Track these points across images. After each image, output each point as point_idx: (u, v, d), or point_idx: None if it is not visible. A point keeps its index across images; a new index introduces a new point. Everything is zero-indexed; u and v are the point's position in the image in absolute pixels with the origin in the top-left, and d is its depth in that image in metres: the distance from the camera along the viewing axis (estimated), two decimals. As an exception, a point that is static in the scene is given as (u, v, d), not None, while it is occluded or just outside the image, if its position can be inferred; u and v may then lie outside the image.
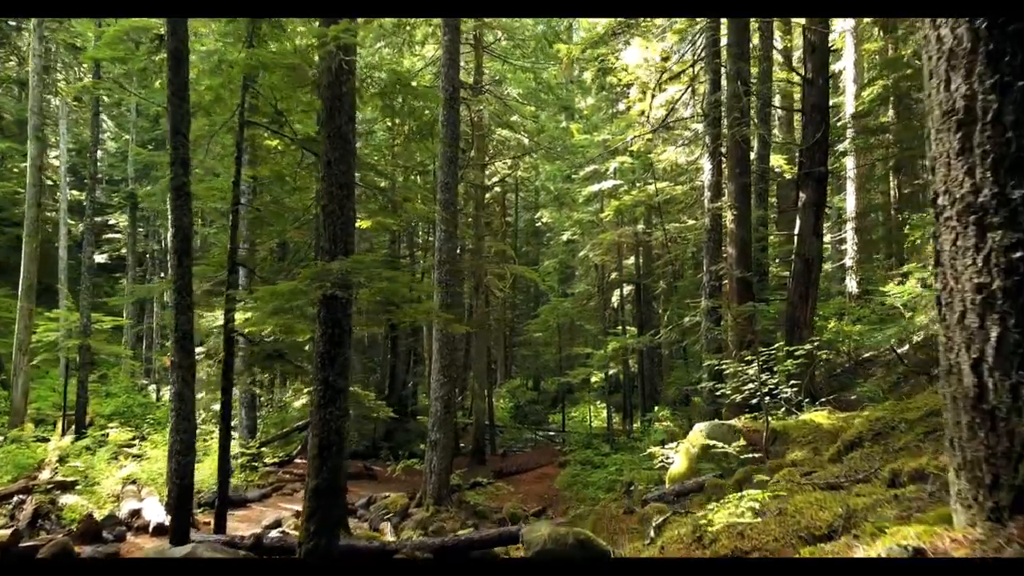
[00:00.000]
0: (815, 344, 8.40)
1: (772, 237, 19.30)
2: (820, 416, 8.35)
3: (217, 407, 20.12)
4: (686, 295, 21.25)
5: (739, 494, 4.91)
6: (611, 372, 25.32)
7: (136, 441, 18.93)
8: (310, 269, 6.33)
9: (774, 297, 15.87)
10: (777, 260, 20.92)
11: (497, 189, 28.42)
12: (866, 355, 18.77)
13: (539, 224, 36.47)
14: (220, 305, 9.19)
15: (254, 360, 8.21)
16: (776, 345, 8.11)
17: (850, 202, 20.47)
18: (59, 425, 19.93)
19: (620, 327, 26.77)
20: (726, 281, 12.59)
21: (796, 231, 12.33)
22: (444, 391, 14.00)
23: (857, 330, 16.32)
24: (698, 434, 8.54)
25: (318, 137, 7.37)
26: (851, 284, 22.20)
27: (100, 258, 34.47)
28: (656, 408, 26.85)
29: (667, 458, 9.56)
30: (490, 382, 24.00)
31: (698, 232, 17.81)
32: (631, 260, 26.31)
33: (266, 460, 16.57)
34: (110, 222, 35.56)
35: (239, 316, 9.78)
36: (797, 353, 8.31)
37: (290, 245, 18.90)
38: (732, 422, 8.60)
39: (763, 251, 17.10)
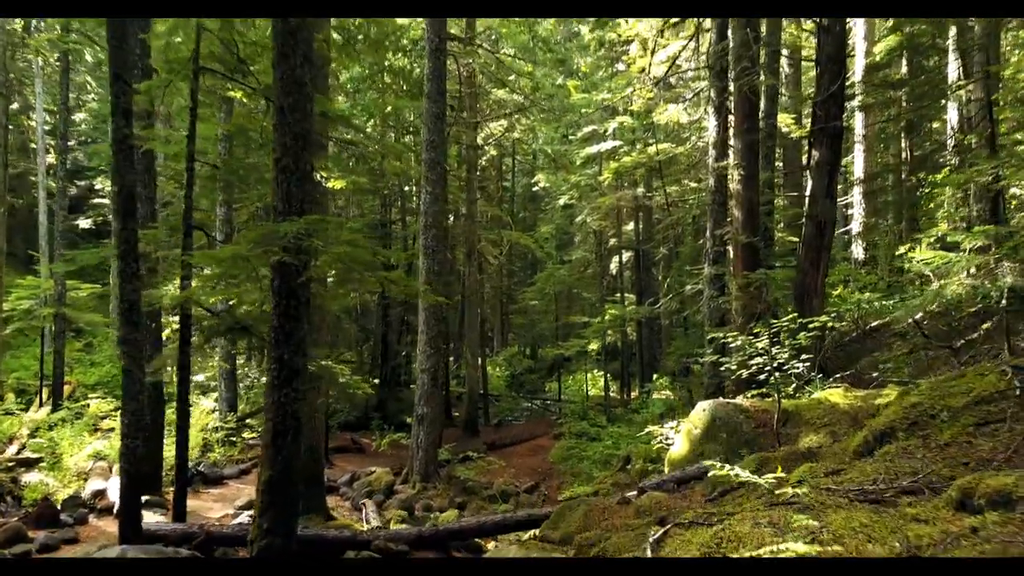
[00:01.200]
0: (832, 315, 7.56)
1: (779, 200, 18.39)
2: (835, 394, 7.58)
3: (202, 377, 19.45)
4: (687, 262, 20.41)
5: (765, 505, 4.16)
6: (609, 340, 24.62)
7: (117, 412, 18.14)
8: (252, 231, 5.48)
9: (780, 264, 15.03)
10: (782, 225, 20.04)
11: (493, 153, 27.38)
12: (874, 324, 18.03)
13: (536, 189, 35.37)
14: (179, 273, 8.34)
15: (213, 333, 7.40)
16: (789, 316, 7.29)
17: (858, 164, 19.49)
18: (39, 396, 19.27)
19: (619, 295, 26.00)
20: (731, 247, 11.73)
21: (807, 192, 11.44)
22: (431, 363, 13.25)
23: (874, 299, 15.46)
24: (701, 413, 7.77)
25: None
26: (857, 250, 21.35)
27: (85, 223, 33.54)
28: (655, 377, 26.23)
29: (666, 438, 8.85)
30: (484, 351, 23.28)
31: (701, 195, 16.89)
32: (631, 226, 25.41)
33: (245, 435, 15.85)
34: (95, 186, 34.52)
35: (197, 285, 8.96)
36: (812, 326, 7.50)
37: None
38: (738, 401, 7.83)
39: (769, 215, 16.20)
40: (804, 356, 8.17)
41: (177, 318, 11.62)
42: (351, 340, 30.87)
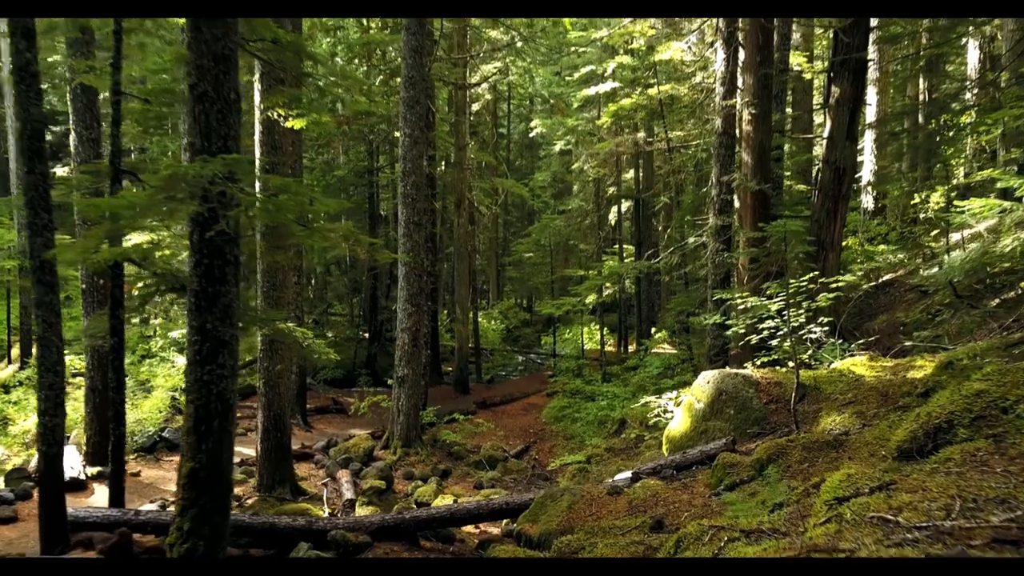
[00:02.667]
0: (860, 274, 6.52)
1: (787, 145, 17.14)
2: (859, 365, 6.62)
3: (177, 335, 18.46)
4: (689, 212, 19.25)
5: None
6: (607, 294, 23.64)
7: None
8: (160, 174, 4.41)
9: (790, 214, 13.92)
10: (790, 173, 18.84)
11: (487, 97, 25.92)
12: (886, 277, 17.09)
13: (533, 135, 33.92)
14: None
15: (149, 294, 6.39)
16: (808, 274, 6.26)
17: (870, 106, 18.19)
18: (8, 353, 18.41)
19: (617, 246, 24.91)
20: (739, 195, 10.64)
21: (825, 134, 10.29)
22: (412, 322, 12.28)
23: (889, 251, 14.53)
24: (705, 386, 6.82)
25: None
26: (867, 200, 20.20)
27: (62, 171, 32.17)
28: (653, 331, 25.35)
29: (664, 410, 7.93)
30: (475, 306, 22.33)
31: (706, 138, 15.66)
32: (630, 174, 24.17)
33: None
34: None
35: (138, 238, 7.92)
36: (836, 285, 6.48)
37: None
38: (747, 371, 6.87)
39: (778, 161, 15.04)
40: (822, 319, 7.20)
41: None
42: (341, 293, 29.95)
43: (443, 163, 22.61)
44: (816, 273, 6.41)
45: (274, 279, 9.31)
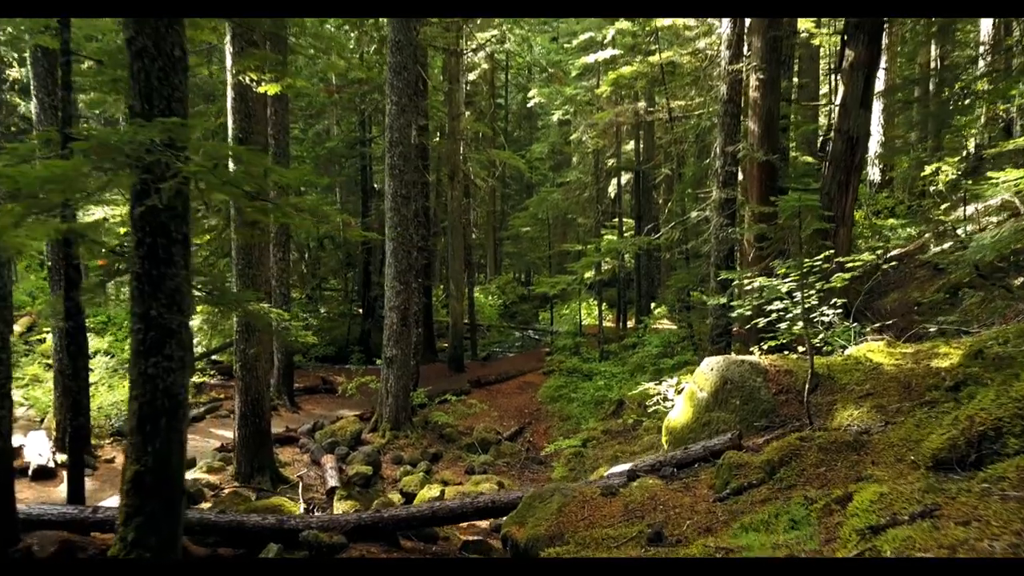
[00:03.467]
0: (879, 254, 5.96)
1: (793, 115, 16.45)
2: (876, 351, 6.08)
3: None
4: (691, 184, 18.62)
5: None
6: (605, 270, 23.05)
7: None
8: (91, 140, 3.83)
9: (797, 186, 13.31)
10: (795, 143, 18.17)
11: (484, 66, 25.07)
12: (894, 252, 16.54)
13: (531, 105, 33.04)
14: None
15: (108, 275, 5.83)
16: (824, 253, 5.70)
17: (879, 73, 17.41)
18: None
19: (616, 220, 24.28)
20: (745, 166, 10.04)
21: (838, 100, 9.65)
22: (400, 300, 11.75)
23: (898, 225, 14.01)
24: (708, 373, 6.30)
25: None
26: (874, 172, 19.56)
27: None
28: (653, 306, 24.82)
29: (664, 398, 7.43)
30: (470, 281, 21.77)
31: (710, 107, 14.98)
32: (630, 145, 23.45)
33: (206, 374, 14.49)
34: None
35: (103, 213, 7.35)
36: (852, 265, 5.93)
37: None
38: (754, 358, 6.34)
39: (784, 131, 14.39)
40: (835, 301, 6.66)
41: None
42: (335, 267, 29.34)
43: (438, 134, 21.90)
44: (831, 251, 5.84)
45: (249, 256, 8.75)
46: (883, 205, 18.88)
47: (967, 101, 13.94)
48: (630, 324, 23.31)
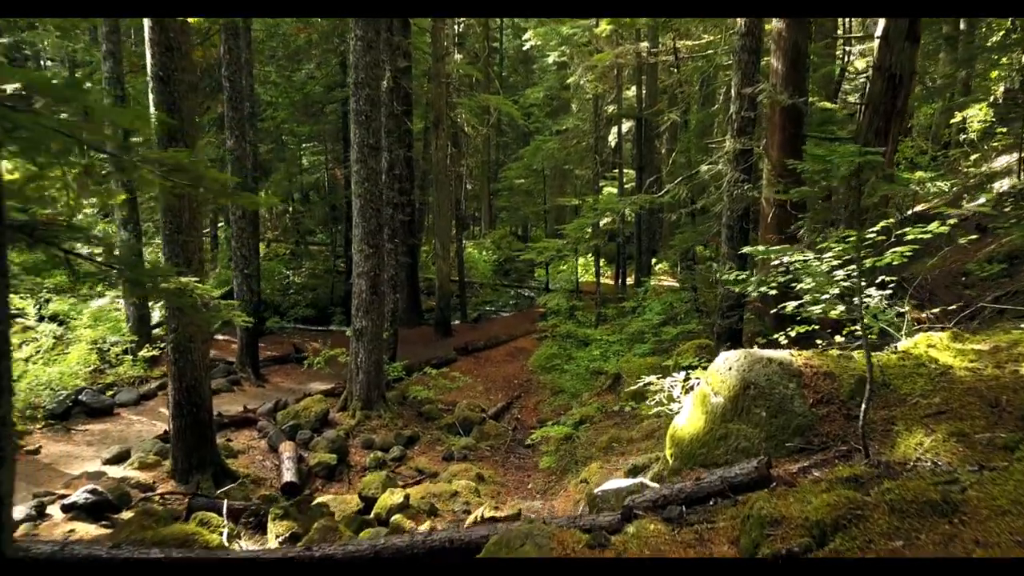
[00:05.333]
0: (953, 223, 4.57)
1: (815, 56, 14.76)
2: (940, 346, 4.78)
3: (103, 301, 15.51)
4: (697, 133, 17.05)
5: None
6: (604, 223, 21.61)
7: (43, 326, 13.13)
8: None
9: (817, 134, 11.77)
10: (813, 86, 16.50)
11: (475, 3, 23.13)
12: (917, 208, 15.15)
13: (528, 48, 31.05)
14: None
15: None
16: (883, 223, 4.33)
17: None
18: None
19: (617, 171, 22.73)
20: (767, 111, 8.57)
21: (878, 32, 8.12)
22: (370, 264, 10.41)
23: (928, 178, 12.52)
24: (726, 373, 5.00)
25: None
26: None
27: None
28: (654, 261, 23.47)
29: (669, 397, 6.11)
30: (459, 237, 20.35)
31: (721, 45, 13.34)
32: (632, 91, 21.76)
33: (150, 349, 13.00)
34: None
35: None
36: (911, 237, 4.55)
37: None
38: (783, 354, 5.03)
39: (804, 72, 12.77)
40: (884, 279, 5.32)
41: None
42: (323, 218, 27.82)
43: (427, 79, 20.21)
44: (891, 220, 4.47)
45: (179, 220, 7.38)
46: (903, 156, 17.35)
47: (998, 37, 12.27)
48: (629, 281, 21.99)
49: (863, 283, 4.82)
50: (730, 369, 5.02)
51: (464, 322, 19.39)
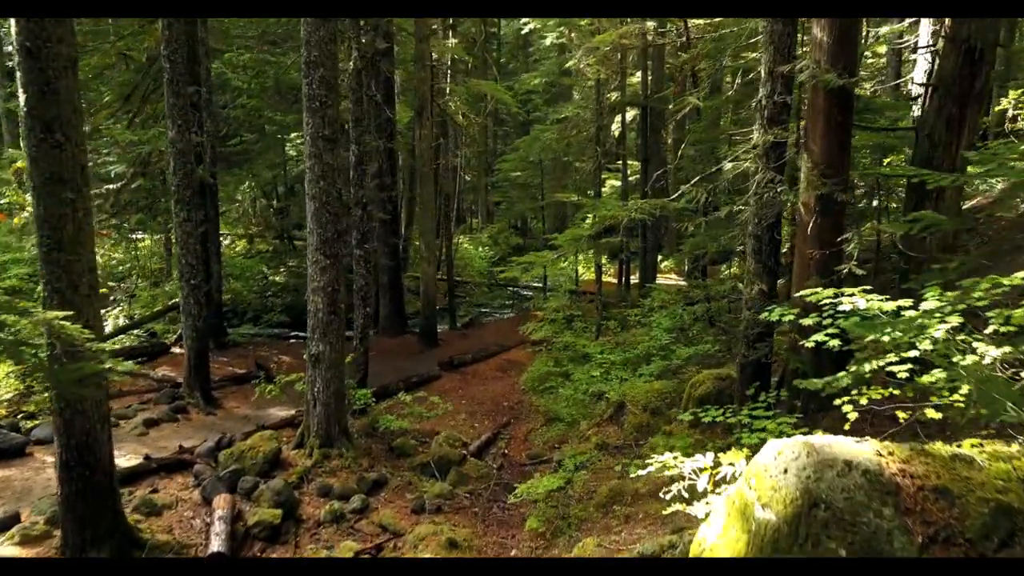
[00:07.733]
0: None
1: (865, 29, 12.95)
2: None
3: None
4: (710, 121, 15.34)
5: None
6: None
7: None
8: None
9: (860, 123, 10.01)
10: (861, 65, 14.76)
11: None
12: (969, 203, 13.59)
13: (526, 31, 29.18)
14: None
15: None
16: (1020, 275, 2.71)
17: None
18: None
19: (620, 162, 21.00)
20: (808, 95, 6.91)
21: (951, -5, 6.43)
22: (327, 279, 8.79)
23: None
24: (779, 477, 3.36)
25: None
26: (914, 108, 16.21)
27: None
28: (660, 259, 21.83)
29: (692, 489, 4.42)
30: (448, 235, 18.70)
31: (735, 25, 11.65)
32: (637, 77, 20.06)
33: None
34: None
35: None
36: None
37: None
38: (868, 454, 3.39)
39: (855, 46, 10.92)
40: (993, 328, 3.69)
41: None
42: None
43: (412, 63, 18.55)
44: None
45: (60, 233, 5.77)
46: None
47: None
48: (634, 279, 20.32)
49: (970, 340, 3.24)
50: (785, 472, 3.37)
51: (453, 328, 17.77)
